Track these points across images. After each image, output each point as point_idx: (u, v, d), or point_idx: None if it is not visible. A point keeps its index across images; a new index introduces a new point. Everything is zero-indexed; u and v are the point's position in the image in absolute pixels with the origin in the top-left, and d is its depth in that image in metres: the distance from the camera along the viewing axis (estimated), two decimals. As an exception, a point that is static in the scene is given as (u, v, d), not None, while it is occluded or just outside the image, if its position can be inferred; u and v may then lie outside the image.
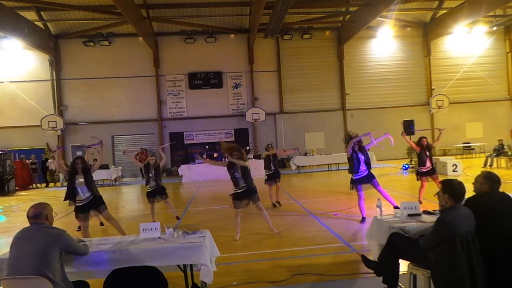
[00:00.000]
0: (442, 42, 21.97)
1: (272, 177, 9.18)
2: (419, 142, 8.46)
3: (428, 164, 8.31)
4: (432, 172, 8.31)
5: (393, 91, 21.54)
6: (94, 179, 6.15)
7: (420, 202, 8.08)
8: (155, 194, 7.91)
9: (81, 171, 5.86)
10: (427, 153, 8.32)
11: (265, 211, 6.59)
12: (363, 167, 7.01)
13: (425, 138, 8.53)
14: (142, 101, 20.48)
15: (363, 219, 6.99)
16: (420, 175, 8.45)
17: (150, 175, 7.84)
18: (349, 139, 7.06)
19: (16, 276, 2.89)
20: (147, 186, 7.94)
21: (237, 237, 6.38)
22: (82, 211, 5.88)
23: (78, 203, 5.89)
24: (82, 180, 5.84)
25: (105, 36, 19.74)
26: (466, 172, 13.49)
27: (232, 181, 6.41)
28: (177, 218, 8.17)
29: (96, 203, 5.96)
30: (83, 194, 5.85)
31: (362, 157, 7.01)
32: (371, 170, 7.18)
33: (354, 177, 7.11)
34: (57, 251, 3.04)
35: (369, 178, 7.06)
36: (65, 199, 6.41)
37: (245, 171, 6.36)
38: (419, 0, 18.90)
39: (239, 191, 6.34)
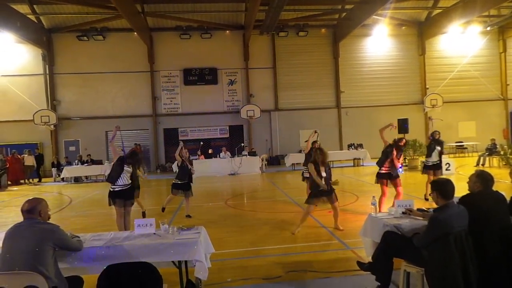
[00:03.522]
0: (437, 41, 22.09)
1: None
2: (431, 135, 8.66)
3: (434, 158, 8.39)
4: (436, 168, 8.37)
5: (388, 90, 21.62)
6: (89, 174, 6.23)
7: (426, 199, 8.12)
8: (180, 188, 8.13)
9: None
10: (437, 147, 8.36)
11: (338, 209, 6.62)
12: (386, 164, 7.03)
13: (438, 132, 8.61)
14: (137, 96, 20.35)
15: None
16: (425, 168, 8.54)
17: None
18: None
19: (9, 271, 2.86)
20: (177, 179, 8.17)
21: (296, 231, 6.38)
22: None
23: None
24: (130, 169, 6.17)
25: (99, 30, 19.54)
26: (459, 171, 13.61)
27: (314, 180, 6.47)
28: (188, 216, 8.10)
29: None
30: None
31: (392, 154, 6.99)
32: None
33: (379, 171, 7.19)
34: (51, 247, 3.02)
35: (394, 176, 7.08)
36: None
37: (329, 171, 6.51)
38: (415, -1, 19.00)
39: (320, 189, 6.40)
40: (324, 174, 6.41)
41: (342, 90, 21.39)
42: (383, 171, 7.09)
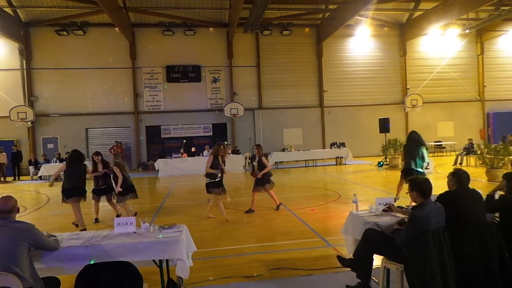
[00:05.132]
0: (417, 43, 22.54)
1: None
2: None
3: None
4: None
5: (370, 90, 21.94)
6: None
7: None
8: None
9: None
10: None
11: (219, 203, 7.54)
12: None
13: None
14: (118, 93, 19.98)
15: None
16: None
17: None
18: None
19: (-19, 272, 2.76)
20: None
21: (225, 219, 7.36)
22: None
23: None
24: None
25: (79, 25, 19.07)
26: (437, 170, 13.94)
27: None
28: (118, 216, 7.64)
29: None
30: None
31: None
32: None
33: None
34: (25, 246, 2.93)
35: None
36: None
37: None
38: (397, 0, 19.28)
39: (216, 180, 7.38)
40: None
41: (325, 90, 21.57)
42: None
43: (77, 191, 7.09)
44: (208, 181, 7.38)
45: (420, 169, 7.20)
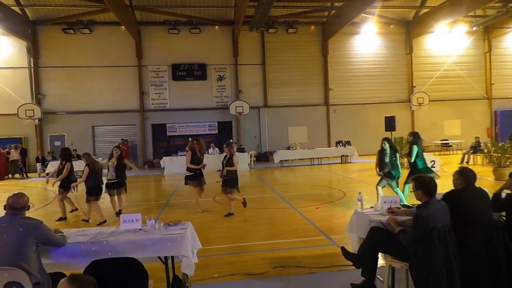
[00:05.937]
0: (424, 41, 22.35)
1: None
2: None
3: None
4: None
5: (376, 88, 21.81)
6: (75, 169, 8.04)
7: None
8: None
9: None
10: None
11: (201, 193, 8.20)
12: None
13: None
14: (124, 91, 20.09)
15: None
16: None
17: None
18: None
19: (-10, 267, 2.80)
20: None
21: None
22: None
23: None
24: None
25: (86, 23, 19.20)
26: (443, 169, 13.83)
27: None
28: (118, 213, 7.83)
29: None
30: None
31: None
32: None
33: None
34: (33, 242, 2.97)
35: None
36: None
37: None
38: (403, -3, 19.15)
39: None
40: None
41: (330, 88, 21.50)
42: None
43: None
44: (187, 174, 8.00)
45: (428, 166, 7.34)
